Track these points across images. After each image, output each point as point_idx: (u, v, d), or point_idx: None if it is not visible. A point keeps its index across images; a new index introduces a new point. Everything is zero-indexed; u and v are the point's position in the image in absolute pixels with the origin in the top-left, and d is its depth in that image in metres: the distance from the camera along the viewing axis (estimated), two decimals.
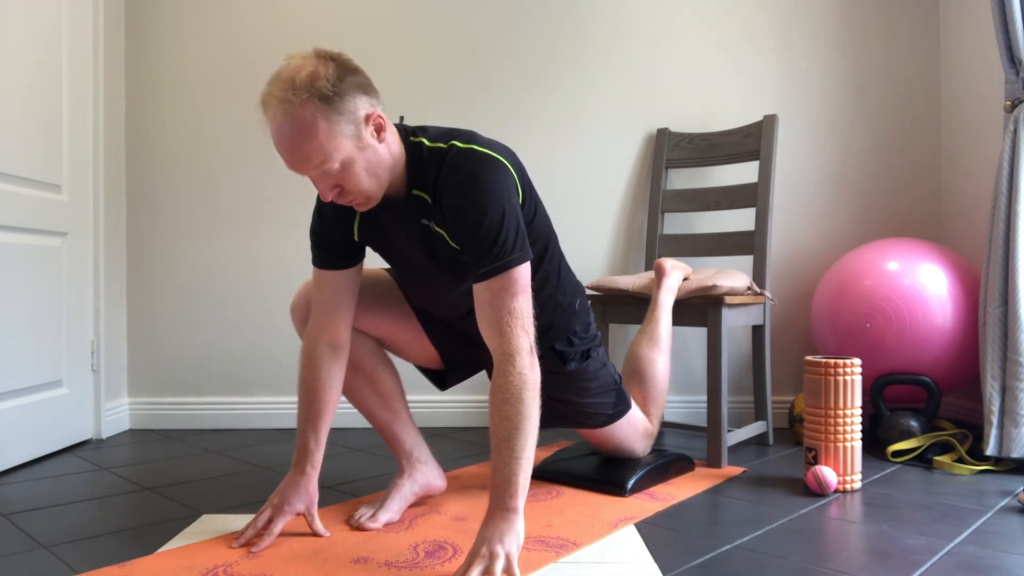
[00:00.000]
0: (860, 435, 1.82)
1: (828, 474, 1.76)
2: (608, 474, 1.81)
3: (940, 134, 2.65)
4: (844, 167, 2.64)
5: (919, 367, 2.15)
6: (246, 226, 2.64)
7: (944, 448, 2.13)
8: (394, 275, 1.65)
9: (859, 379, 1.83)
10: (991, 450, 1.96)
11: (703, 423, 2.46)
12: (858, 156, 2.64)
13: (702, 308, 2.07)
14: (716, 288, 2.03)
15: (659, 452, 1.95)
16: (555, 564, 1.33)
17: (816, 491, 1.77)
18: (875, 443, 2.21)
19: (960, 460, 2.02)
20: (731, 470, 1.99)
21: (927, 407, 2.15)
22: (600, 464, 1.87)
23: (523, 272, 1.31)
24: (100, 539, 1.47)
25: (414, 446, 1.67)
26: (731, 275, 2.09)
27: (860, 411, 1.83)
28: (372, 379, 1.63)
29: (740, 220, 2.53)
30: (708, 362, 2.05)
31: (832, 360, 1.82)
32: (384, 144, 1.32)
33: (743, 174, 2.54)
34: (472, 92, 2.65)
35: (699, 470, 1.99)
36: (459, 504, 1.69)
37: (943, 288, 2.13)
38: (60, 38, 2.26)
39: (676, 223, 2.63)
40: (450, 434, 2.50)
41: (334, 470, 2.01)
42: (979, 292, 2.10)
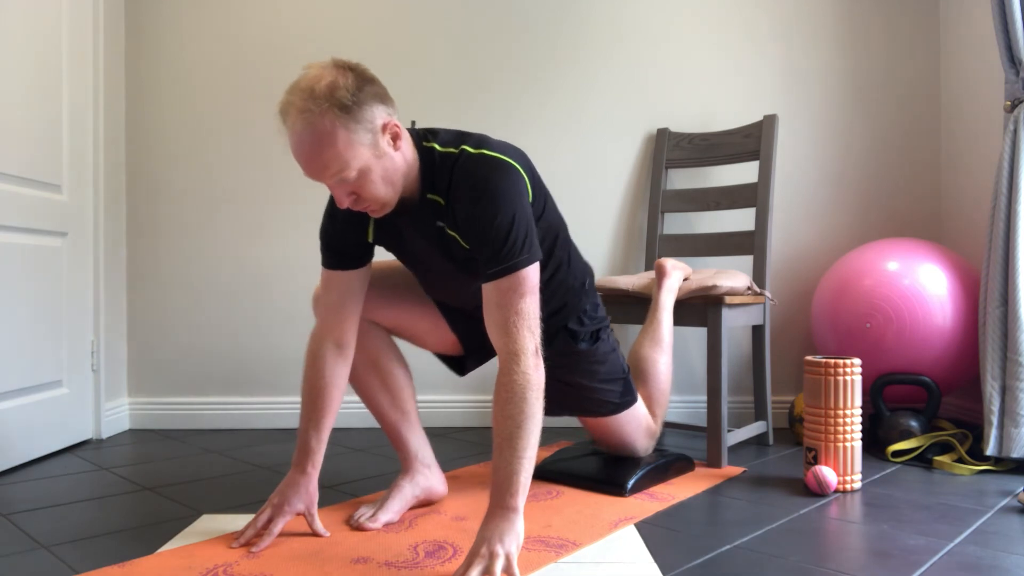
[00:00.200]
0: (860, 435, 1.82)
1: (828, 474, 1.76)
2: (608, 474, 1.81)
3: (940, 134, 2.65)
4: (844, 167, 2.64)
5: (919, 367, 2.15)
6: (246, 226, 2.64)
7: (944, 448, 2.13)
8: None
9: (859, 379, 1.83)
10: (991, 450, 1.96)
11: (703, 423, 2.46)
12: (858, 156, 2.64)
13: (702, 308, 2.07)
14: (716, 288, 2.03)
15: (659, 452, 1.95)
16: (555, 564, 1.33)
17: (816, 491, 1.77)
18: (875, 443, 2.21)
19: (960, 460, 2.02)
20: (731, 470, 1.99)
21: (927, 407, 2.15)
22: (600, 464, 1.87)
23: (531, 273, 1.33)
24: (100, 539, 1.47)
25: (419, 449, 1.67)
26: (731, 275, 2.10)
27: (860, 411, 1.83)
28: (386, 378, 1.64)
29: (740, 220, 2.53)
30: (708, 362, 2.05)
31: (832, 360, 1.82)
32: (399, 152, 1.34)
33: (743, 174, 2.54)
34: (472, 92, 2.65)
35: (699, 470, 1.99)
36: (459, 504, 1.69)
37: (943, 288, 2.13)
38: (60, 38, 2.26)
39: (676, 223, 2.63)
40: (450, 434, 2.49)
41: (334, 470, 2.01)
42: (979, 292, 2.10)
